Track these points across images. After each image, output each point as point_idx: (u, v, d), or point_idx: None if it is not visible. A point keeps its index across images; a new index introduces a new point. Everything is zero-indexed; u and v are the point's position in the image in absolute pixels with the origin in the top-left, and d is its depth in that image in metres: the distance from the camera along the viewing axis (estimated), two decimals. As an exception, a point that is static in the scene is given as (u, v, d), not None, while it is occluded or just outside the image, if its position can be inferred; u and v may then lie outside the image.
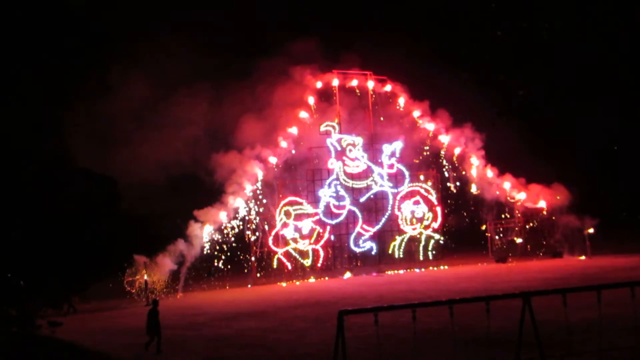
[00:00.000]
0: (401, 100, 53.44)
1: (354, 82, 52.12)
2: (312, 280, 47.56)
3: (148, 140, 48.90)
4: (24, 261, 14.97)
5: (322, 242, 48.96)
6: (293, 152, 49.76)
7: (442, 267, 50.55)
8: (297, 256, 48.42)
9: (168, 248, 43.56)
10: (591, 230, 50.32)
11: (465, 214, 56.52)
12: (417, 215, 51.83)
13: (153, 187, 49.83)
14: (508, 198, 54.67)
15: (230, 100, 51.54)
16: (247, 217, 47.95)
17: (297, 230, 48.11)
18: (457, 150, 54.33)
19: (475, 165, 54.30)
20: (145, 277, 41.39)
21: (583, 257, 49.21)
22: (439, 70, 56.79)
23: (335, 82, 51.20)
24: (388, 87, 53.17)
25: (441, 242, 53.02)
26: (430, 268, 50.75)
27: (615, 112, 64.52)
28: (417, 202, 51.88)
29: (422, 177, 53.45)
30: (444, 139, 54.12)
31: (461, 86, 56.12)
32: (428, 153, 54.42)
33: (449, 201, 55.30)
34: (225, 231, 46.89)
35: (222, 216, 46.40)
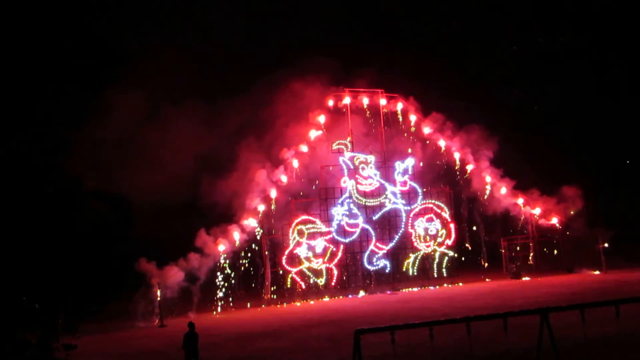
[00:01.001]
0: (413, 118, 53.39)
1: (366, 100, 52.09)
2: (326, 299, 47.42)
3: (157, 159, 48.96)
4: (39, 283, 14.95)
5: (335, 261, 48.81)
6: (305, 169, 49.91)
7: (458, 284, 50.32)
8: (311, 275, 48.29)
9: (179, 262, 43.38)
10: (606, 245, 50.03)
11: (478, 230, 56.44)
12: (431, 233, 51.61)
13: (165, 207, 49.83)
14: (522, 214, 54.50)
15: (240, 118, 51.60)
16: (260, 236, 47.87)
17: (310, 249, 47.98)
18: (469, 167, 54.21)
19: (489, 181, 54.13)
20: (159, 296, 41.18)
21: (598, 272, 48.92)
22: (452, 87, 56.79)
23: (347, 100, 51.19)
24: (400, 105, 53.13)
25: (455, 256, 52.69)
26: (445, 285, 50.53)
27: (631, 125, 64.48)
28: (430, 219, 51.69)
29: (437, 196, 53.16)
30: (457, 155, 54.03)
31: (475, 102, 56.18)
32: (441, 170, 54.42)
33: (464, 221, 55.23)
34: (238, 250, 46.77)
35: (235, 235, 46.31)
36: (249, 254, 47.66)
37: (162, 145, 50.22)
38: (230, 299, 46.77)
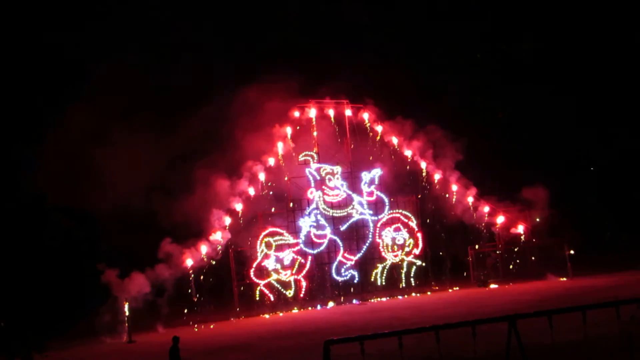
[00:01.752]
0: (379, 128, 53.56)
1: (331, 112, 52.17)
2: (295, 310, 47.36)
3: (120, 174, 48.54)
4: (5, 302, 14.81)
5: (304, 272, 48.78)
6: (271, 183, 49.91)
7: (427, 294, 50.49)
8: (280, 287, 48.20)
9: (147, 272, 42.95)
10: (572, 252, 50.47)
11: (444, 239, 56.78)
12: (398, 242, 51.76)
13: (131, 222, 49.44)
14: (488, 222, 54.80)
15: (203, 132, 51.40)
16: (227, 250, 47.64)
17: (278, 261, 47.89)
18: (436, 176, 54.48)
19: (454, 190, 54.44)
20: (127, 311, 40.76)
21: (564, 279, 49.28)
22: (417, 96, 56.93)
23: (312, 112, 51.25)
24: (365, 115, 53.30)
25: (423, 265, 52.85)
26: (413, 294, 50.69)
27: (596, 132, 65.25)
28: (397, 229, 51.85)
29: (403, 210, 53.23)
30: (423, 164, 54.28)
31: (440, 110, 56.50)
32: (407, 179, 54.63)
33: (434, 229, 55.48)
34: (205, 264, 46.49)
35: (202, 249, 46.10)
36: (217, 268, 47.43)
37: (125, 160, 49.81)
38: (198, 312, 46.50)
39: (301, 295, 48.64)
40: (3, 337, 14.99)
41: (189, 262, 45.05)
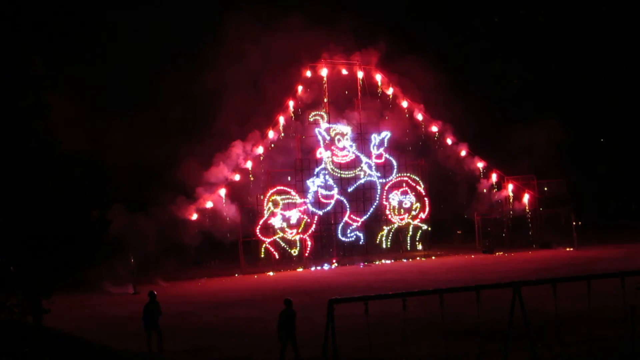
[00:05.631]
0: (390, 91, 53.37)
1: (343, 72, 51.98)
2: (299, 269, 47.52)
3: (129, 123, 48.61)
4: (14, 247, 14.84)
5: (309, 232, 48.93)
6: (282, 135, 49.92)
7: (431, 258, 50.49)
8: (285, 245, 48.40)
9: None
10: (579, 222, 50.48)
11: (452, 205, 56.84)
12: (405, 206, 51.83)
13: (135, 174, 49.50)
14: (493, 190, 54.71)
15: (216, 87, 51.25)
16: (233, 207, 47.78)
17: (285, 220, 48.06)
18: (447, 141, 54.34)
19: (463, 155, 54.30)
20: (132, 261, 40.92)
21: (570, 249, 49.29)
22: (430, 60, 56.50)
23: (324, 72, 51.07)
24: (378, 77, 53.09)
25: (429, 229, 52.94)
26: (418, 258, 50.75)
27: (609, 102, 64.33)
28: (405, 192, 51.90)
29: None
30: (434, 128, 54.12)
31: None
32: (417, 143, 54.53)
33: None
34: (212, 219, 46.65)
35: (209, 204, 46.25)
36: (223, 224, 47.54)
37: (137, 110, 49.89)
38: (204, 267, 46.70)
39: (306, 254, 48.85)
40: (11, 282, 15.05)
41: (194, 217, 45.26)
